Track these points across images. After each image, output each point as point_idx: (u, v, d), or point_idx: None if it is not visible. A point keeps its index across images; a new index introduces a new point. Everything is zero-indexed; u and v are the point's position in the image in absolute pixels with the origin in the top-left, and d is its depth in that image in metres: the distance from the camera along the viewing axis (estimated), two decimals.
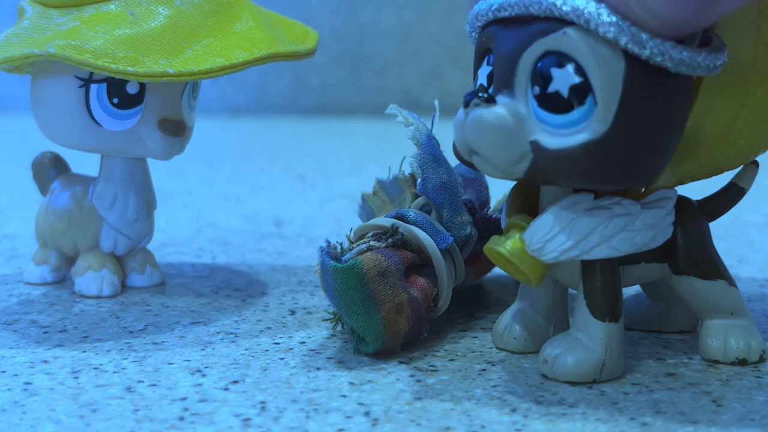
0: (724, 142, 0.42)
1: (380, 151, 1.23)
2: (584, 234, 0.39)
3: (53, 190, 0.55)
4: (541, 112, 0.38)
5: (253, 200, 0.89)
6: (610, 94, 0.36)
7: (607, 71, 0.36)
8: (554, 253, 0.39)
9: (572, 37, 0.37)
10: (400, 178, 0.51)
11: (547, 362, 0.41)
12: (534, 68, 0.38)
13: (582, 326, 0.41)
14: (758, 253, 0.68)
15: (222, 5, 0.51)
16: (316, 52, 0.55)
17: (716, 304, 0.43)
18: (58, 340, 0.46)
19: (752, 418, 0.38)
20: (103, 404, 0.39)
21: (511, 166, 0.38)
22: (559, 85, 0.37)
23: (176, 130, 0.51)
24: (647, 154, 0.38)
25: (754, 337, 0.44)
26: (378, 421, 0.37)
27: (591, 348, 0.40)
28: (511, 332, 0.44)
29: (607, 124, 0.37)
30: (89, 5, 0.49)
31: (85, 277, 0.54)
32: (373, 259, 0.43)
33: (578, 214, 0.39)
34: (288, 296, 0.55)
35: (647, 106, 0.37)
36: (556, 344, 0.41)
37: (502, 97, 0.38)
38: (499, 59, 0.39)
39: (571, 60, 0.37)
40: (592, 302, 0.40)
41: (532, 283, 0.41)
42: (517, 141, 0.38)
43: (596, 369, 0.40)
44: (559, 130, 0.37)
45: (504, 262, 0.41)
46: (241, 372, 0.42)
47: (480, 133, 0.38)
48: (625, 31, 0.36)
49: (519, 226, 0.41)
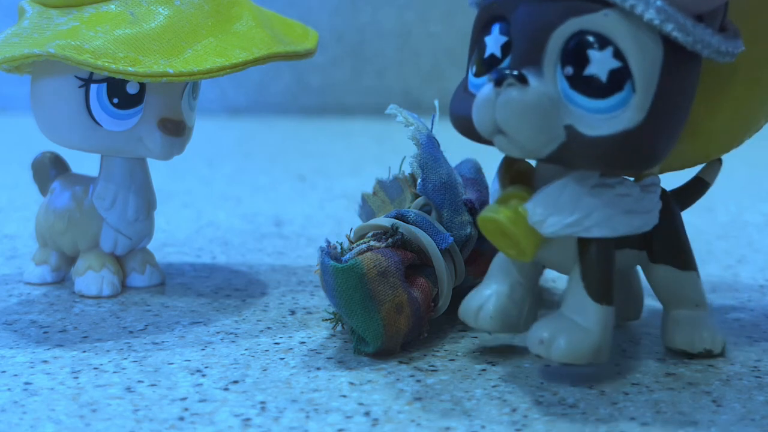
0: (704, 132, 0.43)
1: (380, 151, 1.23)
2: (587, 211, 0.38)
3: (53, 190, 0.55)
4: (574, 95, 0.36)
5: (253, 200, 0.89)
6: (649, 81, 0.36)
7: (647, 57, 0.35)
8: (555, 226, 0.38)
9: (614, 20, 0.35)
10: (400, 178, 0.51)
11: (543, 342, 0.39)
12: (565, 46, 0.36)
13: (577, 308, 0.40)
14: (758, 253, 0.68)
15: (222, 5, 0.51)
16: (316, 52, 0.55)
17: (686, 294, 0.44)
18: (58, 340, 0.46)
19: (752, 419, 0.38)
20: (103, 404, 0.39)
21: (538, 148, 0.37)
22: (597, 69, 0.36)
23: (176, 130, 0.51)
24: (672, 138, 0.37)
25: (717, 329, 0.44)
26: (378, 421, 0.37)
27: (588, 330, 0.39)
28: (486, 311, 0.43)
29: (644, 112, 0.36)
30: (89, 5, 0.49)
31: (85, 277, 0.54)
32: (373, 259, 0.43)
33: (584, 190, 0.38)
34: (288, 296, 0.55)
35: (678, 93, 0.37)
36: (550, 325, 0.40)
37: (529, 75, 0.36)
38: (522, 32, 0.37)
39: (609, 43, 0.36)
40: (590, 284, 0.40)
41: (524, 257, 0.40)
42: (552, 124, 0.36)
43: (593, 351, 0.39)
44: (595, 115, 0.36)
45: (498, 232, 0.40)
46: (241, 372, 0.42)
47: (515, 114, 0.36)
48: (672, 18, 0.35)
49: (519, 196, 0.40)
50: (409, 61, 1.65)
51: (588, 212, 0.38)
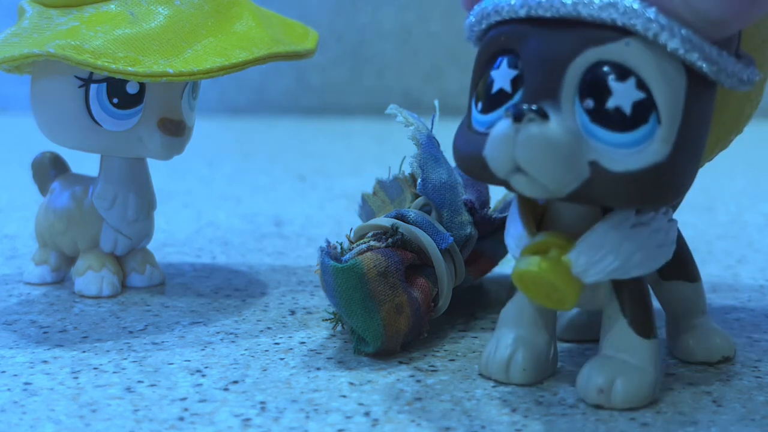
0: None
1: (380, 151, 1.23)
2: (629, 254, 0.37)
3: (53, 190, 0.55)
4: (596, 129, 0.34)
5: (253, 200, 0.89)
6: (674, 112, 0.34)
7: (672, 87, 0.34)
8: (600, 274, 0.37)
9: (636, 49, 0.34)
10: (400, 178, 0.51)
11: (603, 392, 0.38)
12: (583, 78, 0.34)
13: (625, 347, 0.38)
14: (758, 253, 0.68)
15: (222, 5, 0.51)
16: (316, 52, 0.55)
17: (694, 304, 0.43)
18: (58, 340, 0.46)
19: (752, 419, 0.38)
20: (102, 404, 0.38)
21: (561, 188, 0.35)
22: (621, 101, 0.34)
23: (176, 130, 0.51)
24: (695, 170, 0.36)
25: (724, 333, 0.44)
26: (378, 421, 0.37)
27: (643, 369, 0.38)
28: (516, 363, 0.40)
29: (670, 145, 0.34)
30: (89, 5, 0.49)
31: (84, 277, 0.54)
32: (373, 259, 0.43)
33: (625, 233, 0.37)
34: (288, 296, 0.55)
35: (701, 122, 0.35)
36: (603, 371, 0.38)
37: (547, 109, 0.34)
38: (535, 64, 0.35)
39: (631, 73, 0.34)
40: (635, 320, 0.38)
41: (564, 307, 0.38)
42: (575, 161, 0.34)
43: (652, 390, 0.38)
44: (619, 149, 0.34)
45: (535, 284, 0.37)
46: (241, 372, 0.42)
47: (538, 153, 0.34)
48: (697, 47, 0.34)
49: (557, 245, 0.37)
50: (409, 61, 1.65)
51: (629, 256, 0.37)
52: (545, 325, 0.41)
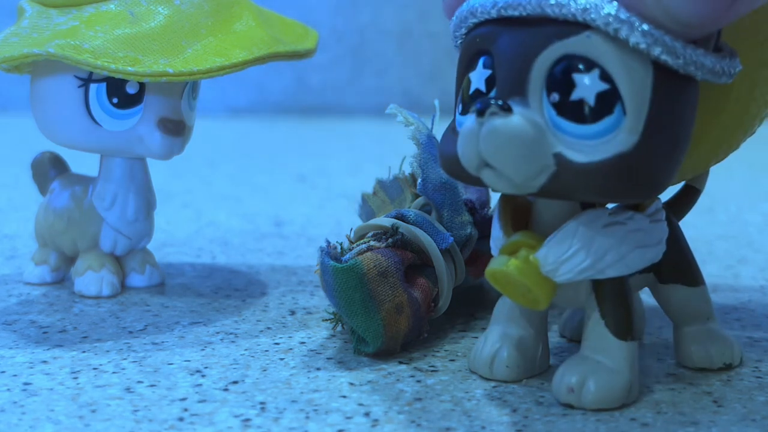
0: (700, 145, 0.41)
1: (380, 151, 1.23)
2: (601, 253, 0.37)
3: (53, 190, 0.55)
4: (562, 122, 0.34)
5: (253, 200, 0.89)
6: (640, 102, 0.34)
7: (636, 78, 0.34)
8: (570, 273, 0.37)
9: (598, 42, 0.34)
10: (400, 178, 0.51)
11: (573, 391, 0.38)
12: (550, 73, 0.35)
13: (601, 348, 0.38)
14: (758, 253, 0.68)
15: (222, 5, 0.51)
16: (316, 51, 0.54)
17: (697, 310, 0.43)
18: (58, 341, 0.46)
19: (753, 419, 0.38)
20: (102, 405, 0.38)
21: (527, 181, 0.35)
22: (584, 93, 0.34)
23: (176, 129, 0.51)
24: (672, 164, 0.35)
25: (732, 340, 0.43)
26: (378, 421, 0.37)
27: (617, 371, 0.38)
28: (500, 359, 0.41)
29: (637, 135, 0.34)
30: (89, 5, 0.49)
31: (84, 277, 0.54)
32: (373, 259, 0.43)
33: (596, 231, 0.37)
34: (288, 296, 0.55)
35: (674, 114, 0.35)
36: (576, 370, 0.38)
37: (515, 105, 0.35)
38: (504, 62, 0.36)
39: (595, 65, 0.34)
40: (612, 322, 0.38)
41: (539, 306, 0.38)
42: (539, 154, 0.34)
43: (625, 392, 0.38)
44: (585, 141, 0.34)
45: (508, 283, 0.38)
46: (240, 372, 0.42)
47: (500, 145, 0.34)
48: (659, 41, 0.33)
49: (527, 245, 0.38)
50: (409, 61, 1.65)
51: (601, 255, 0.37)
52: (533, 323, 0.41)
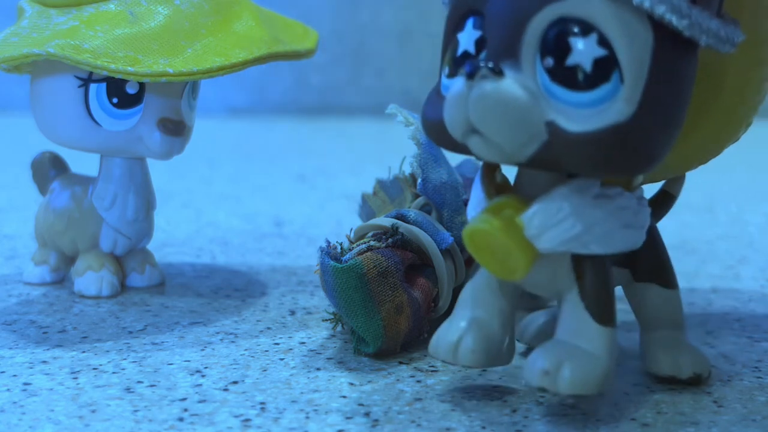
0: (689, 140, 0.39)
1: (380, 151, 1.23)
2: (589, 224, 0.34)
3: (53, 190, 0.55)
4: (556, 88, 0.33)
5: (253, 200, 0.89)
6: (638, 70, 0.32)
7: (636, 43, 0.32)
8: (554, 241, 0.34)
9: (597, 3, 0.32)
10: (400, 178, 0.51)
11: (549, 373, 0.35)
12: (544, 36, 0.33)
13: (579, 332, 0.36)
14: (759, 253, 0.68)
15: (222, 4, 0.51)
16: (316, 51, 0.54)
17: (669, 315, 0.41)
18: (58, 341, 0.46)
19: (753, 419, 0.38)
20: (102, 405, 0.38)
21: (517, 150, 0.33)
22: (580, 58, 0.32)
23: (176, 129, 0.51)
24: (668, 137, 0.33)
25: (698, 351, 0.41)
26: (378, 421, 0.37)
27: (595, 356, 0.35)
28: (466, 344, 0.38)
29: (634, 104, 0.32)
30: (88, 5, 0.49)
31: (84, 277, 0.54)
32: (373, 259, 0.43)
33: (586, 201, 0.34)
34: (288, 296, 0.54)
35: (673, 84, 0.33)
36: (551, 353, 0.35)
37: (506, 69, 0.33)
38: (496, 23, 0.34)
39: (593, 29, 0.32)
40: (593, 305, 0.36)
41: (513, 275, 0.35)
42: (530, 121, 0.32)
43: (602, 378, 0.35)
44: (579, 109, 0.32)
45: (486, 246, 0.35)
46: (240, 372, 0.42)
47: (489, 110, 0.32)
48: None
49: (512, 206, 0.35)
50: (409, 61, 1.65)
51: (589, 226, 0.34)
52: (502, 310, 0.39)
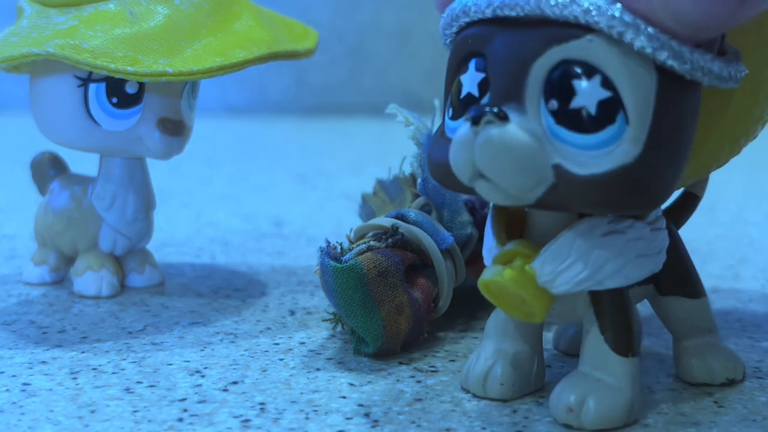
0: (700, 152, 0.39)
1: (380, 151, 1.23)
2: (599, 264, 0.35)
3: (52, 190, 0.55)
4: (561, 131, 0.33)
5: (253, 200, 0.89)
6: (643, 111, 0.32)
7: (640, 84, 0.32)
8: (567, 285, 0.35)
9: (600, 46, 0.32)
10: (400, 178, 0.51)
11: (572, 411, 0.35)
12: (548, 79, 0.33)
13: (601, 364, 0.36)
14: (759, 253, 0.68)
15: (221, 4, 0.51)
16: (316, 51, 0.54)
17: (698, 322, 0.41)
18: (57, 341, 0.46)
19: (754, 419, 0.37)
20: (101, 405, 0.38)
21: (525, 193, 0.33)
22: (585, 100, 0.32)
23: (175, 129, 0.51)
24: (675, 174, 0.34)
25: (732, 354, 0.42)
26: (378, 422, 0.37)
27: (618, 388, 0.36)
28: (494, 377, 0.39)
29: (641, 145, 0.32)
30: (88, 4, 0.49)
31: (84, 277, 0.54)
32: (373, 260, 0.43)
33: (594, 241, 0.35)
34: (288, 296, 0.54)
35: (677, 123, 0.33)
36: (574, 388, 0.36)
37: (510, 112, 0.33)
38: (499, 65, 0.34)
39: (596, 71, 0.32)
40: (612, 337, 0.36)
41: (534, 319, 0.36)
42: (538, 165, 0.33)
43: (627, 411, 0.36)
44: (585, 152, 0.32)
45: (503, 295, 0.36)
46: (240, 373, 0.42)
47: (495, 156, 0.32)
48: (665, 45, 0.32)
49: (523, 254, 0.36)
50: (409, 61, 1.65)
51: (600, 266, 0.35)
52: (528, 337, 0.39)
